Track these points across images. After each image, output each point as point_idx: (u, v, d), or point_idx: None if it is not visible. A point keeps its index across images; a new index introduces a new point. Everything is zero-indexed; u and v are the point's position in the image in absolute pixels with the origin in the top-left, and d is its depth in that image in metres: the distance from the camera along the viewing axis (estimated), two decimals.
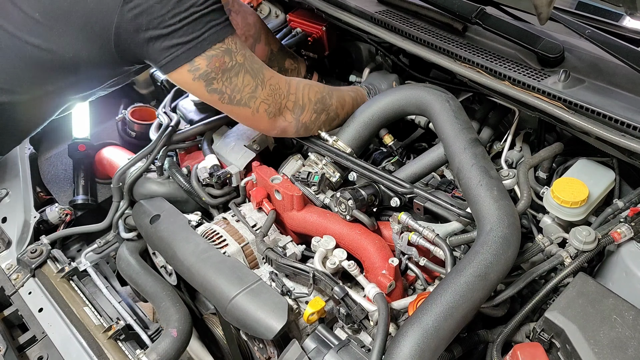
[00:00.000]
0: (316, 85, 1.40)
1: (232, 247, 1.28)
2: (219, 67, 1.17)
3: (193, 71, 1.15)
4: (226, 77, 1.19)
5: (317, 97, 1.38)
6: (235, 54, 1.18)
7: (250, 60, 1.22)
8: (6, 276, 1.42)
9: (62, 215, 1.64)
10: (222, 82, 1.19)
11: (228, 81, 1.20)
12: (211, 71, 1.16)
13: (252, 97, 1.24)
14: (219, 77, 1.18)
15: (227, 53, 1.17)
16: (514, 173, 1.30)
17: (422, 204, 1.23)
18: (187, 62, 1.13)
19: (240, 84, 1.22)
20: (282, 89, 1.29)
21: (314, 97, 1.37)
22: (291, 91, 1.31)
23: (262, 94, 1.25)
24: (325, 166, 1.42)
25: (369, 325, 1.06)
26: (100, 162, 1.73)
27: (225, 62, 1.17)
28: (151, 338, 1.36)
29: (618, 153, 1.22)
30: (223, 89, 1.21)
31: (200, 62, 1.14)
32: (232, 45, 1.17)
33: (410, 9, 1.49)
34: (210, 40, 1.13)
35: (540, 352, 0.93)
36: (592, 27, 1.30)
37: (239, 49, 1.19)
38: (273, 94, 1.27)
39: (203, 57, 1.14)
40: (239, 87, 1.22)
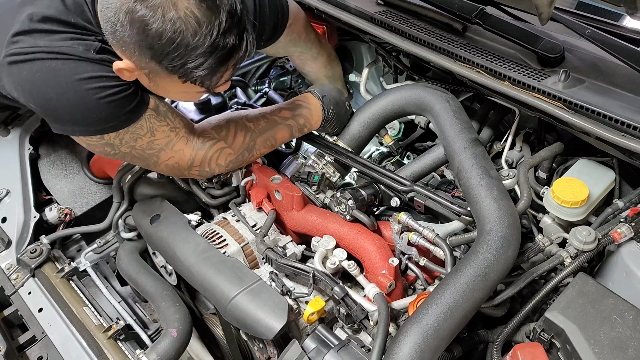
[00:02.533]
0: (231, 146, 1.28)
1: (232, 247, 1.28)
2: (101, 152, 1.17)
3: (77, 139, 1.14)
4: (116, 159, 1.21)
5: (229, 160, 1.29)
6: (118, 146, 1.14)
7: (140, 149, 1.17)
8: (6, 276, 1.42)
9: (61, 215, 1.64)
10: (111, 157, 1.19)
11: (118, 158, 1.20)
12: (95, 149, 1.16)
13: (150, 166, 1.24)
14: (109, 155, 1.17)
15: (108, 145, 1.14)
16: (514, 173, 1.30)
17: (423, 202, 1.23)
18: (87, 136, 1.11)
19: (129, 161, 1.27)
20: (182, 166, 1.24)
21: (224, 161, 1.29)
22: (195, 164, 1.25)
23: (156, 168, 1.25)
24: (325, 166, 1.42)
25: (369, 325, 1.06)
26: (100, 163, 1.73)
27: (106, 151, 1.16)
28: (151, 338, 1.36)
29: (618, 153, 1.22)
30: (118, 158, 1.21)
31: (81, 141, 1.14)
32: (114, 141, 1.12)
33: (410, 9, 1.49)
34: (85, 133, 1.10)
35: (540, 352, 0.93)
36: (592, 27, 1.30)
37: (126, 142, 1.14)
38: (169, 169, 1.25)
39: (82, 140, 1.13)
40: (131, 163, 1.28)
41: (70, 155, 1.83)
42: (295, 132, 1.38)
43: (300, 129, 1.39)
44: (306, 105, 1.39)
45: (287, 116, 1.36)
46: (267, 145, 1.34)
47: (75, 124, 1.08)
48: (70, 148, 1.85)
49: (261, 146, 1.33)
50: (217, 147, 1.26)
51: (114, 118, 1.09)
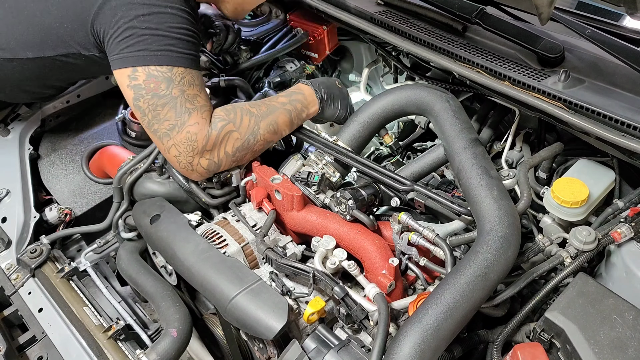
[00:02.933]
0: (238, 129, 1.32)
1: (232, 247, 1.28)
2: (152, 89, 1.20)
3: (131, 78, 1.20)
4: (153, 102, 1.22)
5: (237, 146, 1.32)
6: (174, 85, 1.21)
7: (186, 98, 1.23)
8: (6, 276, 1.42)
9: (61, 215, 1.64)
10: (147, 104, 1.22)
11: (153, 107, 1.23)
12: (143, 88, 1.20)
13: (166, 134, 1.25)
14: (148, 98, 1.21)
15: (168, 81, 1.20)
16: (514, 173, 1.30)
17: (423, 202, 1.23)
18: (130, 67, 1.19)
19: (162, 116, 1.23)
20: (198, 141, 1.26)
21: (231, 148, 1.32)
22: (207, 147, 1.28)
23: (176, 136, 1.25)
24: (325, 166, 1.42)
25: (369, 325, 1.06)
26: (101, 162, 1.73)
27: (160, 88, 1.20)
28: (151, 338, 1.36)
29: (618, 153, 1.22)
30: (146, 110, 1.24)
31: (141, 73, 1.19)
32: (177, 76, 1.21)
33: (410, 9, 1.49)
34: (159, 61, 1.18)
35: (540, 352, 0.93)
36: (592, 27, 1.30)
37: (183, 83, 1.22)
38: (186, 143, 1.26)
39: (145, 71, 1.19)
40: (160, 118, 1.23)
41: (70, 155, 1.84)
42: (294, 117, 1.42)
43: (299, 114, 1.43)
44: (299, 91, 1.46)
45: (285, 102, 1.42)
46: (269, 129, 1.38)
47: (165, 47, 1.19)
48: (70, 148, 1.85)
49: (265, 130, 1.36)
50: (227, 129, 1.30)
51: (191, 51, 1.23)
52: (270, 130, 1.38)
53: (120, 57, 1.21)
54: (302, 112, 1.44)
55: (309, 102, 1.46)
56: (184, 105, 1.23)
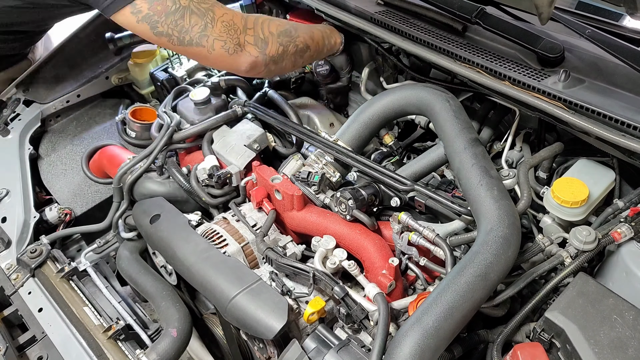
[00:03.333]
0: (277, 20, 1.38)
1: (232, 247, 1.28)
2: (161, 11, 1.16)
3: (135, 13, 1.16)
4: (170, 21, 1.18)
5: (280, 30, 1.35)
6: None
7: (196, 3, 1.20)
8: (6, 276, 1.42)
9: (61, 215, 1.64)
10: (166, 25, 1.19)
11: (173, 24, 1.19)
12: (153, 14, 1.16)
13: (203, 35, 1.22)
14: (163, 20, 1.18)
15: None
16: (514, 173, 1.30)
17: (424, 202, 1.23)
18: (128, 4, 1.14)
19: (188, 25, 1.20)
20: (237, 24, 1.26)
21: (275, 30, 1.34)
22: (248, 26, 1.28)
23: (213, 31, 1.23)
24: (325, 166, 1.42)
25: (369, 325, 1.06)
26: (100, 163, 1.73)
27: (167, 6, 1.16)
28: (151, 338, 1.36)
29: (618, 153, 1.22)
30: (169, 31, 1.20)
31: (141, 4, 1.15)
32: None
33: (410, 9, 1.49)
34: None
35: (540, 352, 0.93)
36: (593, 27, 1.30)
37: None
38: (227, 29, 1.24)
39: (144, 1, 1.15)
40: (186, 27, 1.20)
41: (70, 155, 1.84)
42: (326, 37, 1.51)
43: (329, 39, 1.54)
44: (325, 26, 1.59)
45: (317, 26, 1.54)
46: (307, 34, 1.43)
47: None
48: (70, 148, 1.85)
49: (303, 32, 1.41)
50: (265, 17, 1.34)
51: None
52: (307, 34, 1.42)
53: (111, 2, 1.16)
54: (331, 38, 1.54)
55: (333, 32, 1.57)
56: (200, 7, 1.21)
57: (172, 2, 1.17)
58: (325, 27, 1.57)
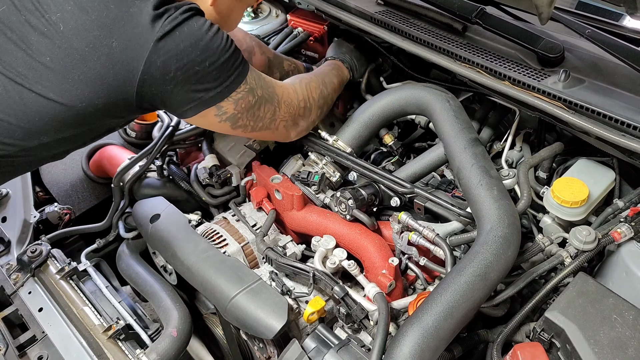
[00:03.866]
0: (313, 80, 1.40)
1: (232, 247, 1.28)
2: (244, 108, 1.16)
3: (220, 115, 1.13)
4: (250, 114, 1.18)
5: (318, 93, 1.39)
6: (255, 90, 1.16)
7: (265, 88, 1.20)
8: (6, 276, 1.42)
9: (61, 214, 1.64)
10: (246, 118, 1.19)
11: (252, 116, 1.19)
12: (237, 113, 1.15)
13: (273, 120, 1.25)
14: (244, 115, 1.17)
15: (250, 92, 1.15)
16: (514, 173, 1.30)
17: (423, 204, 1.23)
18: (214, 106, 1.10)
19: (262, 114, 1.21)
20: (293, 101, 1.29)
21: (316, 94, 1.38)
22: (300, 98, 1.32)
23: (279, 114, 1.26)
24: (325, 166, 1.42)
25: (369, 325, 1.06)
26: (100, 162, 1.73)
27: (249, 101, 1.16)
28: (151, 338, 1.36)
29: (618, 153, 1.22)
30: (247, 123, 1.20)
31: (228, 106, 1.12)
32: (252, 82, 1.15)
33: (410, 9, 1.49)
34: (237, 83, 1.10)
35: (540, 352, 0.93)
36: (593, 27, 1.30)
37: (257, 82, 1.17)
38: (288, 109, 1.28)
39: (230, 101, 1.11)
40: (261, 116, 1.21)
41: (70, 155, 1.83)
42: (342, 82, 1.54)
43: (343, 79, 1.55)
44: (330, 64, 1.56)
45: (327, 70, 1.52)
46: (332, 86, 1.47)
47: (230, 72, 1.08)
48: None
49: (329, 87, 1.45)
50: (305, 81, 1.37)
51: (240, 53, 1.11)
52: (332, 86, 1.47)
53: (194, 105, 1.08)
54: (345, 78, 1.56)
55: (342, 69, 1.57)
56: (269, 93, 1.22)
57: (253, 96, 1.16)
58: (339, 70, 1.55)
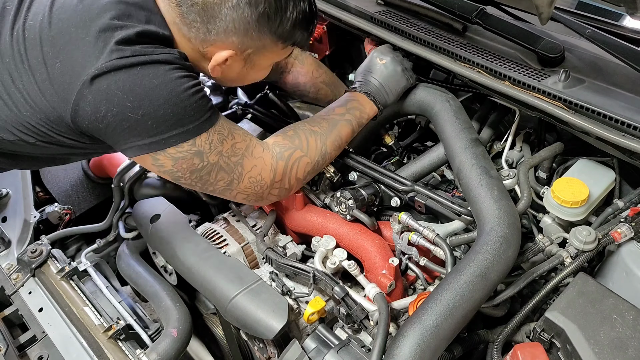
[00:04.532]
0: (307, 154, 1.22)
1: (232, 247, 1.28)
2: (186, 169, 1.05)
3: (157, 165, 1.05)
4: (195, 176, 1.08)
5: (307, 171, 1.23)
6: (207, 154, 1.05)
7: (227, 156, 1.09)
8: (6, 276, 1.42)
9: (62, 214, 1.64)
10: (190, 179, 1.08)
11: (197, 179, 1.08)
12: (177, 171, 1.05)
13: (227, 189, 1.13)
14: (187, 176, 1.07)
15: (198, 155, 1.04)
16: (514, 173, 1.30)
17: (424, 202, 1.23)
18: (149, 154, 1.02)
19: (213, 180, 1.10)
20: (264, 179, 1.15)
21: (302, 174, 1.22)
22: (276, 179, 1.17)
23: (238, 187, 1.13)
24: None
25: (369, 325, 1.06)
26: (100, 162, 1.73)
27: (194, 164, 1.05)
28: (151, 338, 1.36)
29: (618, 153, 1.22)
30: (192, 184, 1.10)
31: (164, 160, 1.03)
32: (205, 146, 1.04)
33: (410, 9, 1.49)
34: (177, 140, 1.00)
35: (540, 352, 0.93)
36: (593, 27, 1.30)
37: (214, 147, 1.06)
38: (253, 186, 1.14)
39: (167, 156, 1.02)
40: (211, 181, 1.10)
41: None
42: (355, 125, 1.31)
43: (359, 121, 1.32)
44: (352, 98, 1.34)
45: (343, 112, 1.30)
46: (335, 146, 1.28)
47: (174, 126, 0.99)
48: None
49: (331, 148, 1.27)
50: (296, 156, 1.19)
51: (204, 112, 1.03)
52: (336, 146, 1.27)
53: (130, 147, 1.01)
54: (362, 119, 1.33)
55: (364, 105, 1.34)
56: (229, 163, 1.09)
57: (200, 160, 1.05)
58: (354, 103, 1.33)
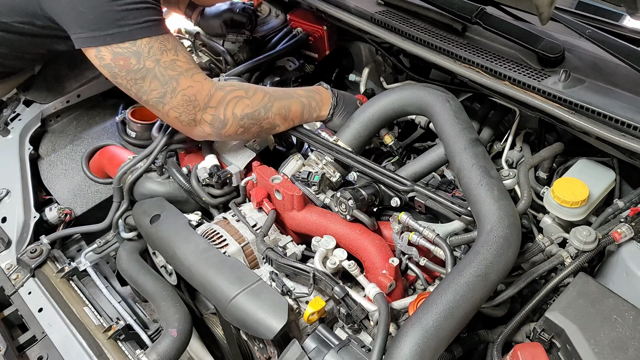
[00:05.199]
0: (250, 98, 1.31)
1: (232, 247, 1.28)
2: (123, 66, 1.15)
3: (99, 58, 1.16)
4: (131, 78, 1.17)
5: (246, 112, 1.30)
6: (145, 58, 1.15)
7: (164, 67, 1.18)
8: (6, 276, 1.42)
9: (61, 215, 1.64)
10: (126, 80, 1.17)
11: (132, 82, 1.17)
12: (115, 66, 1.15)
13: (160, 102, 1.20)
14: (123, 75, 1.16)
15: (135, 55, 1.14)
16: (515, 173, 1.30)
17: (423, 202, 1.23)
18: (93, 47, 1.14)
19: (147, 87, 1.18)
20: (198, 100, 1.22)
21: (240, 111, 1.29)
22: (211, 104, 1.24)
23: (171, 101, 1.20)
24: (325, 166, 1.42)
25: (369, 325, 1.06)
26: (101, 162, 1.73)
27: (130, 64, 1.15)
28: (151, 338, 1.36)
29: (618, 153, 1.22)
30: (128, 86, 1.19)
31: (105, 53, 1.14)
32: (143, 48, 1.15)
33: (410, 9, 1.49)
34: (117, 38, 1.12)
35: (540, 352, 0.93)
36: (593, 27, 1.30)
37: (153, 54, 1.16)
38: (185, 104, 1.21)
39: (108, 50, 1.13)
40: (145, 89, 1.18)
41: (70, 155, 1.83)
42: (306, 111, 1.41)
43: (311, 111, 1.43)
44: (317, 91, 1.47)
45: (302, 94, 1.42)
46: (281, 112, 1.36)
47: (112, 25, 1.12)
48: (70, 148, 1.85)
49: (277, 110, 1.34)
50: (237, 94, 1.27)
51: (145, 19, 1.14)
52: (281, 113, 1.36)
53: (78, 38, 1.15)
54: (314, 111, 1.44)
55: (324, 104, 1.46)
56: (165, 74, 1.18)
57: (136, 61, 1.15)
58: (316, 95, 1.46)
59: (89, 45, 1.15)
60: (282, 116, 1.37)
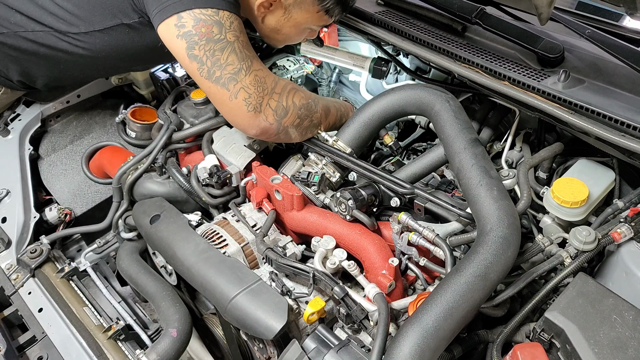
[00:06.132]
0: (302, 91, 1.37)
1: (232, 247, 1.28)
2: (204, 34, 1.13)
3: (179, 26, 1.14)
4: (210, 48, 1.15)
5: (302, 103, 1.33)
6: (226, 30, 1.15)
7: (241, 45, 1.18)
8: (6, 276, 1.42)
9: (61, 215, 1.64)
10: (204, 50, 1.15)
11: (210, 52, 1.15)
12: (195, 34, 1.14)
13: (233, 79, 1.18)
14: (202, 44, 1.14)
15: (218, 24, 1.13)
16: (514, 173, 1.30)
17: (423, 205, 1.23)
18: (175, 14, 1.12)
19: (223, 61, 1.16)
20: (267, 84, 1.23)
21: (298, 101, 1.32)
22: (276, 90, 1.26)
23: (244, 79, 1.19)
24: (325, 166, 1.42)
25: (369, 325, 1.06)
26: (100, 162, 1.73)
27: (212, 32, 1.14)
28: (151, 338, 1.36)
29: (618, 153, 1.22)
30: (204, 58, 1.16)
31: (187, 19, 1.13)
32: (226, 21, 1.14)
33: (410, 9, 1.49)
34: (202, 3, 1.12)
35: (540, 352, 0.93)
36: (592, 27, 1.30)
37: (233, 29, 1.16)
38: (257, 84, 1.21)
39: (191, 15, 1.12)
40: (221, 63, 1.16)
41: (70, 155, 1.84)
42: (338, 116, 1.48)
43: (341, 118, 1.50)
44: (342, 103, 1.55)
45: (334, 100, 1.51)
46: (325, 110, 1.42)
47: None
48: (70, 148, 1.85)
49: (321, 108, 1.40)
50: (292, 87, 1.32)
51: None
52: (325, 111, 1.41)
53: (160, 9, 1.15)
54: (344, 117, 1.50)
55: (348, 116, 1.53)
56: (243, 51, 1.18)
57: (219, 31, 1.14)
58: (343, 105, 1.55)
59: (171, 13, 1.13)
60: (325, 114, 1.42)
